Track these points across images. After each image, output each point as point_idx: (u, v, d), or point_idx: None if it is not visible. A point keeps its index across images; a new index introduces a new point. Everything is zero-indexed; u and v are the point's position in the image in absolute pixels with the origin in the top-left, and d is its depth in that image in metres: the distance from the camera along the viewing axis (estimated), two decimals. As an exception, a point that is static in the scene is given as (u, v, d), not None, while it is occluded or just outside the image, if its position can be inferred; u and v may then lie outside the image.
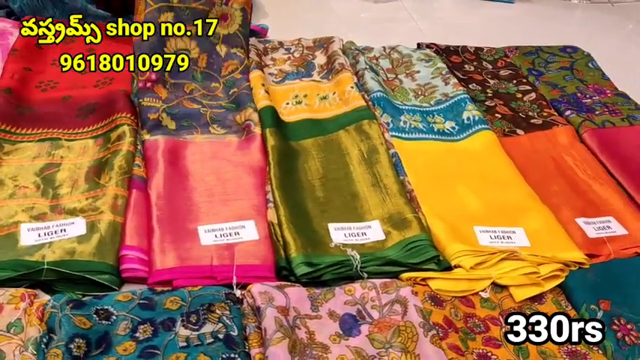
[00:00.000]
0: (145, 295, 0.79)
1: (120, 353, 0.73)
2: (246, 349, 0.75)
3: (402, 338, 0.79)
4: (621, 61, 1.67)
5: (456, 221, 1.00)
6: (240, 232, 0.91)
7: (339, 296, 0.85)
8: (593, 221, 1.06)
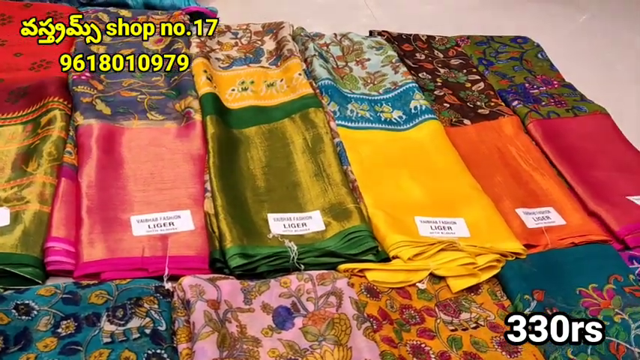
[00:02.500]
0: (69, 289, 0.76)
1: (40, 350, 0.70)
2: (173, 345, 0.73)
3: (335, 331, 0.79)
4: (572, 52, 1.70)
5: (397, 212, 1.00)
6: (174, 222, 0.89)
7: (274, 289, 0.83)
8: (532, 212, 1.08)
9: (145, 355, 0.71)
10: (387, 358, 0.76)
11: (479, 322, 0.86)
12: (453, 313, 0.87)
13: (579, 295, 0.92)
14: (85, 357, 0.70)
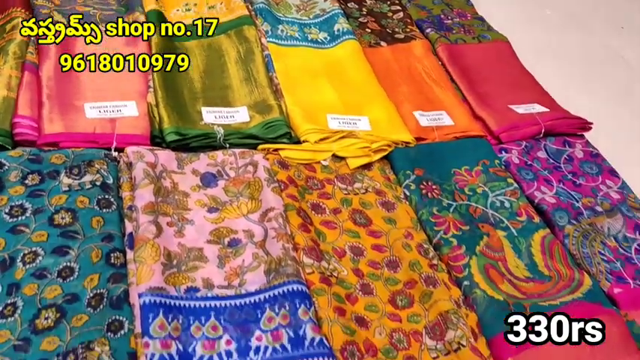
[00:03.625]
0: (33, 152, 0.95)
1: (11, 194, 0.89)
2: (119, 195, 0.94)
3: (250, 190, 1.00)
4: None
5: (312, 109, 1.20)
6: (122, 109, 1.08)
7: (203, 159, 1.04)
8: (427, 114, 1.30)
9: (96, 199, 0.91)
10: (289, 208, 0.98)
11: (368, 189, 1.09)
12: (348, 183, 1.09)
13: (453, 174, 1.16)
14: (47, 200, 0.89)
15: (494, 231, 1.05)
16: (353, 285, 0.91)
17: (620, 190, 1.21)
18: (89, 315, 0.77)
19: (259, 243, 0.92)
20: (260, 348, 0.79)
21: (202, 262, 0.88)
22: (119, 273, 0.82)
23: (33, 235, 0.84)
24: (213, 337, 0.79)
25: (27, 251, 0.82)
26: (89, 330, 0.75)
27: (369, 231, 1.01)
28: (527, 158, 1.24)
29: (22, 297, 0.77)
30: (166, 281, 0.82)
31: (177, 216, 0.93)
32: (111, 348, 0.73)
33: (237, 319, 0.82)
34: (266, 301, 0.84)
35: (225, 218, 0.96)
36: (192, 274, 0.86)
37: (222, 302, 0.83)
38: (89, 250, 0.83)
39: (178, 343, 0.76)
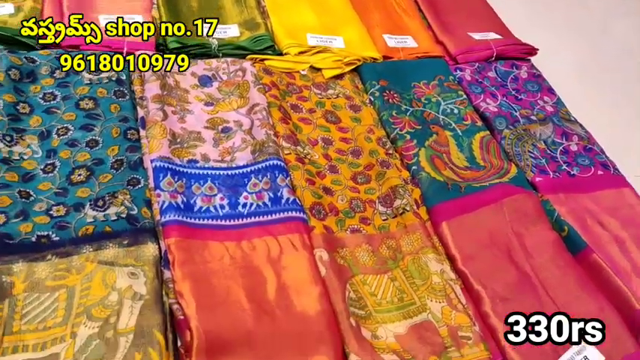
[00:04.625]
0: (59, 52, 1.14)
1: (42, 84, 1.09)
2: (131, 88, 1.13)
3: (240, 89, 1.20)
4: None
5: (294, 28, 1.39)
6: (129, 21, 1.26)
7: (200, 65, 1.23)
8: (395, 37, 1.49)
9: (113, 90, 1.10)
10: (271, 105, 1.18)
11: (339, 95, 1.29)
12: (322, 89, 1.29)
13: (412, 87, 1.37)
14: (73, 89, 1.09)
15: (442, 131, 1.27)
16: (322, 165, 1.13)
17: (555, 105, 1.42)
18: (112, 174, 0.98)
19: (247, 130, 1.13)
20: (247, 204, 1.01)
21: (200, 142, 1.09)
22: (134, 145, 1.03)
23: (64, 115, 1.05)
24: (209, 194, 1.00)
25: (60, 127, 1.03)
26: (113, 184, 0.96)
27: (338, 127, 1.22)
28: (479, 77, 1.45)
29: (59, 159, 0.98)
30: (172, 153, 1.03)
31: (180, 107, 1.13)
32: (131, 196, 0.95)
33: (229, 183, 1.03)
34: (251, 172, 1.06)
35: (219, 111, 1.16)
36: (192, 150, 1.07)
37: (216, 171, 1.05)
38: (110, 127, 1.04)
39: (182, 196, 0.97)
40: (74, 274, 0.84)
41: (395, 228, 1.06)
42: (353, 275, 0.97)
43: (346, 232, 1.03)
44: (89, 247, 0.87)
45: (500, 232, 1.08)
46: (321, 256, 0.96)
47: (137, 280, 0.85)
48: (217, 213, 0.98)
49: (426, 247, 1.03)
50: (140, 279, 0.86)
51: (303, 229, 0.99)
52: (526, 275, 1.03)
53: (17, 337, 0.77)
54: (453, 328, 0.93)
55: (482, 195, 1.13)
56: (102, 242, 0.88)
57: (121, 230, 0.90)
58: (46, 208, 0.91)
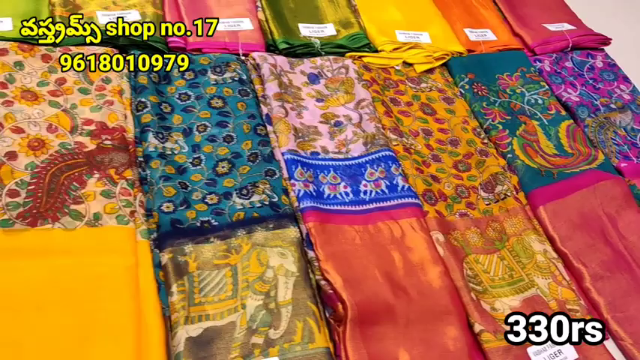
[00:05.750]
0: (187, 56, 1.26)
1: (176, 85, 1.21)
2: (252, 86, 1.25)
3: (345, 86, 1.31)
4: None
5: (384, 26, 1.49)
6: (240, 24, 1.37)
7: (307, 63, 1.34)
8: (475, 31, 1.58)
9: (237, 90, 1.22)
10: (375, 99, 1.29)
11: (432, 88, 1.39)
12: (415, 83, 1.39)
13: (497, 79, 1.46)
14: (203, 89, 1.21)
15: (529, 120, 1.36)
16: (426, 155, 1.24)
17: (631, 93, 1.50)
18: (250, 166, 1.10)
19: (356, 124, 1.24)
20: (367, 191, 1.12)
21: (318, 136, 1.20)
22: (264, 140, 1.15)
23: (200, 114, 1.17)
24: (334, 183, 1.12)
25: (199, 124, 1.15)
26: (252, 175, 1.08)
27: (434, 119, 1.32)
28: (557, 67, 1.53)
29: (203, 153, 1.11)
30: (297, 146, 1.15)
31: (295, 103, 1.25)
32: (270, 186, 1.07)
33: (349, 172, 1.15)
34: (366, 162, 1.17)
35: (329, 106, 1.27)
36: (312, 143, 1.18)
37: (336, 162, 1.16)
38: (241, 124, 1.16)
39: (313, 185, 1.09)
40: (234, 254, 0.97)
41: (498, 212, 1.17)
42: (466, 255, 1.08)
43: (455, 215, 1.14)
44: (243, 230, 1.00)
45: (593, 215, 1.18)
46: (438, 237, 1.08)
47: (287, 260, 0.98)
48: (343, 199, 1.10)
49: (527, 229, 1.14)
50: (289, 258, 0.98)
51: (420, 213, 1.10)
52: (620, 254, 1.13)
53: (199, 307, 0.90)
54: (561, 302, 1.04)
55: (574, 180, 1.23)
56: (252, 226, 1.01)
57: (267, 216, 1.03)
58: (201, 196, 1.04)
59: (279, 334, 0.89)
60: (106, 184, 1.00)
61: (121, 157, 1.04)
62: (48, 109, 1.07)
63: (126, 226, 0.96)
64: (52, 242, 0.91)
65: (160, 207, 0.98)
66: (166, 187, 1.01)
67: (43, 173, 0.98)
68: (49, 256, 0.89)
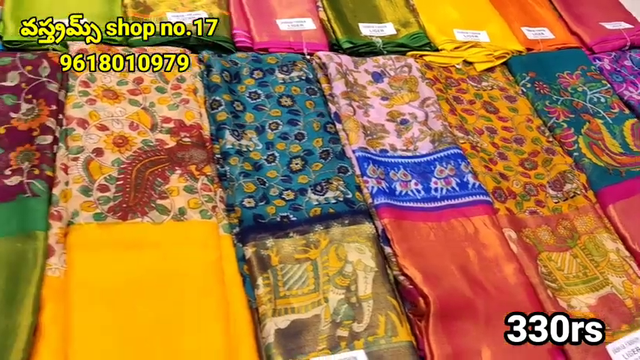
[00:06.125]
0: (253, 55, 1.29)
1: (246, 83, 1.23)
2: (318, 85, 1.27)
3: (409, 84, 1.32)
4: None
5: (442, 25, 1.50)
6: (302, 24, 1.39)
7: (370, 62, 1.36)
8: (532, 29, 1.58)
9: (305, 88, 1.24)
10: (439, 98, 1.30)
11: (493, 86, 1.39)
12: (476, 81, 1.40)
13: (557, 77, 1.45)
14: (272, 88, 1.23)
15: (593, 119, 1.36)
16: (492, 153, 1.24)
17: (692, 91, 1.49)
18: (322, 163, 1.12)
19: (422, 122, 1.25)
20: (438, 189, 1.13)
21: (385, 133, 1.22)
22: (334, 137, 1.16)
23: (271, 112, 1.19)
24: (405, 180, 1.13)
25: (270, 122, 1.17)
26: (326, 172, 1.10)
27: (497, 117, 1.33)
28: (617, 65, 1.52)
29: (277, 151, 1.13)
30: (367, 144, 1.16)
31: (362, 101, 1.26)
32: (344, 182, 1.08)
33: (418, 170, 1.16)
34: (435, 160, 1.18)
35: (394, 105, 1.29)
36: (381, 141, 1.20)
37: (405, 160, 1.18)
38: (311, 122, 1.18)
39: (385, 182, 1.11)
40: (313, 249, 0.99)
41: (567, 210, 1.17)
42: (539, 252, 1.08)
43: (525, 213, 1.15)
44: (320, 225, 1.02)
45: (664, 214, 1.17)
46: (510, 235, 1.08)
47: (364, 255, 0.99)
48: (415, 197, 1.11)
49: (599, 227, 1.13)
50: (366, 253, 1.00)
51: (491, 210, 1.11)
52: (694, 252, 1.12)
53: (285, 300, 0.92)
54: (636, 300, 1.04)
55: (643, 179, 1.22)
56: (329, 222, 1.03)
57: (342, 212, 1.04)
58: (278, 192, 1.06)
59: (362, 327, 0.91)
60: (187, 180, 1.03)
61: (200, 154, 1.07)
62: (129, 107, 1.11)
63: (209, 221, 0.98)
64: (142, 235, 0.94)
65: (241, 202, 1.01)
66: (246, 183, 1.04)
67: (129, 169, 1.01)
68: (140, 249, 0.92)
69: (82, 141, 1.02)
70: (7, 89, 1.08)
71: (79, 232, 0.91)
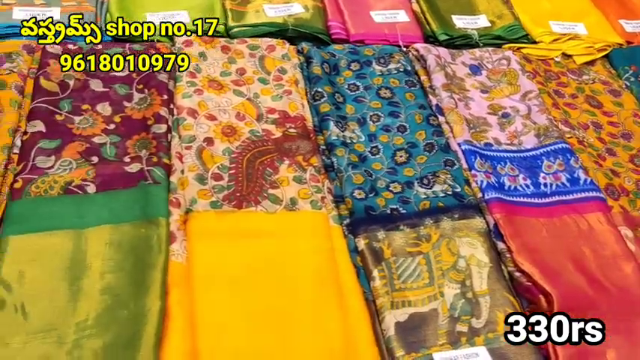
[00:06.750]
0: (350, 47, 1.27)
1: (344, 75, 1.22)
2: (417, 77, 1.24)
3: (507, 78, 1.29)
4: None
5: (538, 17, 1.45)
6: (396, 16, 1.37)
7: (466, 55, 1.33)
8: (630, 22, 1.51)
9: (404, 80, 1.22)
10: (541, 91, 1.25)
11: (595, 80, 1.34)
12: (577, 75, 1.35)
13: (660, 68, 1.39)
14: (370, 80, 1.22)
15: None
16: (600, 148, 1.19)
17: None
18: (427, 156, 1.09)
19: (525, 116, 1.21)
20: (547, 184, 1.09)
21: (488, 127, 1.19)
22: (437, 130, 1.14)
23: (371, 104, 1.18)
24: (512, 174, 1.10)
25: (371, 114, 1.16)
26: (431, 165, 1.08)
27: (602, 111, 1.28)
28: None
29: (380, 143, 1.11)
30: (471, 137, 1.14)
31: (462, 94, 1.23)
32: (452, 176, 1.06)
33: (525, 164, 1.12)
34: (542, 155, 1.14)
35: (494, 98, 1.25)
36: (484, 134, 1.17)
37: (510, 154, 1.14)
38: (413, 114, 1.16)
39: (493, 176, 1.08)
40: (424, 242, 0.97)
41: (684, 208, 1.11)
42: (657, 252, 1.03)
43: (639, 211, 1.09)
44: (429, 219, 1.00)
45: None
46: (626, 233, 1.03)
47: (477, 250, 0.97)
48: (525, 192, 1.07)
49: None
50: (479, 248, 0.97)
51: (605, 207, 1.06)
52: None
53: (401, 293, 0.90)
54: None
55: None
56: (438, 216, 1.00)
57: (451, 205, 1.02)
58: (385, 185, 1.04)
59: (481, 323, 0.88)
60: (296, 170, 1.02)
61: (306, 145, 1.06)
62: (234, 97, 1.11)
63: (319, 212, 0.98)
64: (257, 224, 0.94)
65: (352, 193, 1.00)
66: (355, 174, 1.02)
67: (239, 159, 1.01)
68: (256, 238, 0.92)
69: (193, 130, 1.03)
70: (119, 79, 1.10)
71: (198, 219, 0.92)
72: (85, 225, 0.88)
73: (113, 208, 0.90)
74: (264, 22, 1.27)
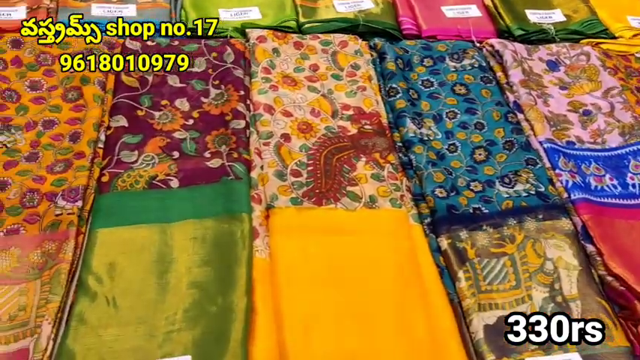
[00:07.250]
0: (422, 43, 1.25)
1: (417, 71, 1.20)
2: (492, 73, 1.21)
3: (587, 74, 1.23)
4: None
5: (614, 11, 1.40)
6: (468, 11, 1.34)
7: (542, 50, 1.28)
8: None
9: (479, 77, 1.19)
10: (624, 88, 1.20)
11: (681, 76, 1.28)
12: (661, 71, 1.29)
13: None
14: (444, 76, 1.19)
15: None
16: (689, 148, 1.13)
17: None
18: (507, 155, 1.06)
19: (607, 113, 1.16)
20: (635, 184, 1.04)
21: (569, 124, 1.14)
22: (517, 128, 1.10)
23: (446, 100, 1.15)
24: (598, 174, 1.05)
25: (447, 110, 1.13)
26: (512, 164, 1.04)
27: (689, 110, 1.21)
28: None
29: (458, 140, 1.08)
30: (552, 135, 1.09)
31: (540, 91, 1.19)
32: (534, 175, 1.02)
33: (610, 164, 1.07)
34: (628, 154, 1.09)
35: (574, 94, 1.20)
36: (565, 132, 1.12)
37: (594, 153, 1.09)
38: (490, 111, 1.12)
39: (578, 176, 1.03)
40: (508, 243, 0.94)
41: None
42: None
43: None
44: (513, 219, 0.96)
45: None
46: None
47: (565, 252, 0.93)
48: (613, 192, 1.03)
49: None
50: (567, 251, 0.93)
51: (699, 210, 1.00)
52: None
53: (487, 295, 0.87)
54: None
55: None
56: (522, 216, 0.97)
57: (535, 206, 0.98)
58: (465, 183, 1.01)
59: (573, 329, 0.85)
60: (374, 168, 1.00)
61: (383, 142, 1.04)
62: (309, 94, 1.10)
63: (399, 210, 0.96)
64: (338, 222, 0.93)
65: (433, 192, 0.97)
66: (435, 172, 1.00)
67: (317, 155, 1.00)
68: (337, 235, 0.91)
69: (270, 126, 1.03)
70: (196, 75, 1.11)
71: (279, 215, 0.91)
72: (169, 219, 0.88)
73: (196, 203, 0.90)
74: (336, 17, 1.26)
